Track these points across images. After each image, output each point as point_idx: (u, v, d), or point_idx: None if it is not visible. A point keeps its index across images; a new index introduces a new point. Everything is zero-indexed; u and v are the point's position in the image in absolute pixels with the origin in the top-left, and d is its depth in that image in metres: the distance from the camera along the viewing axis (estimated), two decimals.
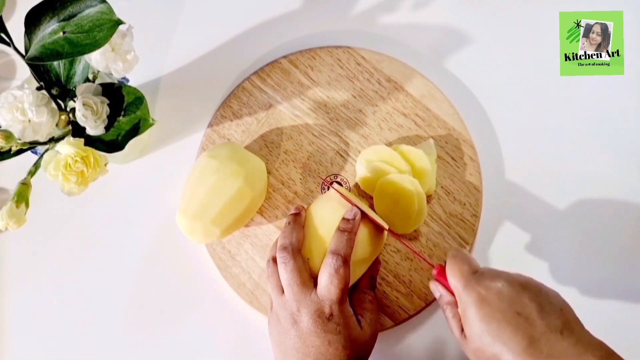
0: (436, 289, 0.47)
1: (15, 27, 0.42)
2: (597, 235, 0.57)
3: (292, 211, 0.51)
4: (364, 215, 0.49)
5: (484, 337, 0.41)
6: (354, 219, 0.48)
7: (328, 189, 0.56)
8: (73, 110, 0.44)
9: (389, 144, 0.56)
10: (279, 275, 0.47)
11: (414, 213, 0.52)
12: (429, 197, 0.55)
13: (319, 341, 0.45)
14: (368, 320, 0.48)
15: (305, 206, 0.51)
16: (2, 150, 0.42)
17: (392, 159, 0.54)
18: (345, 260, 0.46)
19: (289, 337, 0.46)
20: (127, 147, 0.45)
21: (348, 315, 0.46)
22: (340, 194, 0.49)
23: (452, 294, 0.46)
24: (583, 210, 0.57)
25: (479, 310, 0.42)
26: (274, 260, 0.48)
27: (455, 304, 0.45)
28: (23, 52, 0.41)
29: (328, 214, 0.49)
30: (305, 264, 0.47)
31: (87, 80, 0.46)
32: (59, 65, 0.46)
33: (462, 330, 0.44)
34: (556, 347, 0.40)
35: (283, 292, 0.47)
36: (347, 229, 0.47)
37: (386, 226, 0.49)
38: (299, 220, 0.50)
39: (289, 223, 0.49)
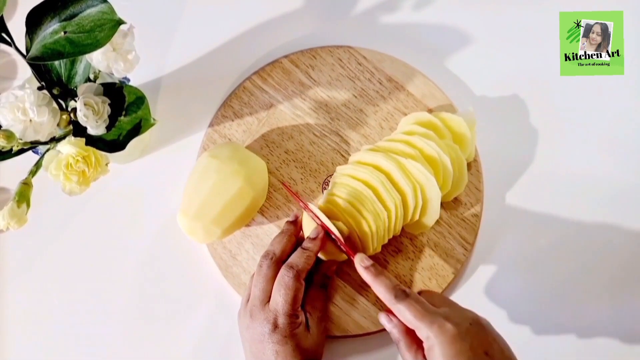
0: (388, 322, 0.46)
1: (17, 27, 0.42)
2: (597, 234, 0.57)
3: (290, 218, 0.53)
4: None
5: None
6: (315, 238, 0.49)
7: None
8: (74, 110, 0.44)
9: None
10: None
11: (439, 181, 0.51)
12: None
13: (268, 351, 0.46)
14: (315, 319, 0.49)
15: (307, 204, 0.51)
16: (3, 150, 0.42)
17: (433, 125, 0.53)
18: (298, 274, 0.47)
19: (245, 339, 0.49)
20: (128, 146, 0.45)
21: (296, 326, 0.47)
22: (313, 213, 0.50)
23: (406, 328, 0.45)
24: (583, 210, 0.57)
25: (451, 347, 0.41)
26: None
27: (412, 340, 0.45)
28: (24, 52, 0.41)
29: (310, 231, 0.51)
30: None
31: (88, 80, 0.46)
32: (60, 65, 0.46)
33: None
34: None
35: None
36: (309, 248, 0.49)
37: (345, 256, 0.50)
38: (292, 230, 0.52)
39: (282, 232, 0.52)
